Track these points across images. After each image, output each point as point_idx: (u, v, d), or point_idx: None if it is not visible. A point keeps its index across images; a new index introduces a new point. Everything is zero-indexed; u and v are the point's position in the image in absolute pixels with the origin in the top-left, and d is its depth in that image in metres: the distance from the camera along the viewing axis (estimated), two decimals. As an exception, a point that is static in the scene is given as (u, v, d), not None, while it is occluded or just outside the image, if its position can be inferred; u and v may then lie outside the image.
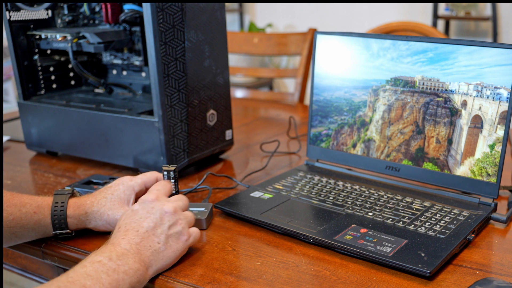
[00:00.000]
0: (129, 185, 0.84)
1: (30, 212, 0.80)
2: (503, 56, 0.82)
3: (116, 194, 0.83)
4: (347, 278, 0.71)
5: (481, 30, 3.52)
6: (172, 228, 0.74)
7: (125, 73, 1.27)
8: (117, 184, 0.85)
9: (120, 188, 0.84)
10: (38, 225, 0.80)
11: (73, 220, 0.81)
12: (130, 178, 0.86)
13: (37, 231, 0.81)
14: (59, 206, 0.81)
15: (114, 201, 0.82)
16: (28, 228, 0.80)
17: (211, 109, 1.12)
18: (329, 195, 0.94)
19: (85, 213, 0.82)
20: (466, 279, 0.70)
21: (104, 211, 0.81)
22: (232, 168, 1.16)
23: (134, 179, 0.85)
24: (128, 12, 1.10)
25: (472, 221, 0.82)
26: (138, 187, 0.85)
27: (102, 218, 0.81)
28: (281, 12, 4.09)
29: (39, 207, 0.81)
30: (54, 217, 0.80)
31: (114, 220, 0.81)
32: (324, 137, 1.06)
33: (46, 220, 0.80)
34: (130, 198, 0.84)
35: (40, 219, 0.80)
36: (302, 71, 1.91)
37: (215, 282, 0.72)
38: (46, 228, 0.81)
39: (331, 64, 1.02)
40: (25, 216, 0.79)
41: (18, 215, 0.79)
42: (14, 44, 1.18)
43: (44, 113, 1.19)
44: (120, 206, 0.82)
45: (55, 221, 0.80)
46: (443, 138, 0.91)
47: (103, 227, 0.83)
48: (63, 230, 0.81)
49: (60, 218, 0.80)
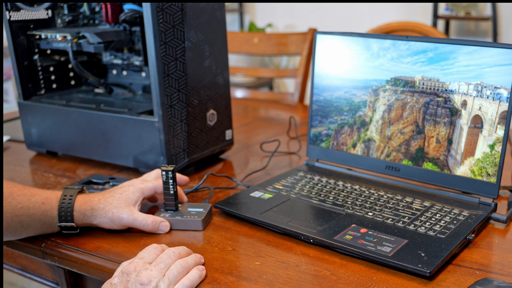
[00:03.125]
0: (139, 188, 0.86)
1: (38, 202, 0.82)
2: (503, 56, 0.82)
3: (125, 194, 0.85)
4: (347, 278, 0.71)
5: (481, 30, 3.52)
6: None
7: (125, 73, 1.27)
8: (128, 185, 0.87)
9: (130, 189, 0.86)
10: (45, 215, 0.82)
11: (79, 214, 0.83)
12: (141, 181, 0.88)
13: (43, 222, 0.83)
14: (67, 199, 0.83)
15: (121, 200, 0.84)
16: (35, 218, 0.82)
17: (211, 109, 1.12)
18: (329, 195, 0.94)
19: (91, 209, 0.83)
20: (466, 279, 0.70)
21: (109, 208, 0.83)
22: (232, 168, 1.16)
23: (146, 183, 0.87)
24: (128, 12, 1.10)
25: (472, 221, 0.82)
26: (148, 191, 0.87)
27: (107, 216, 0.83)
28: (281, 12, 4.09)
29: (48, 198, 0.83)
30: (61, 209, 0.82)
31: (118, 218, 0.83)
32: (324, 137, 1.06)
33: (53, 212, 0.83)
34: (138, 200, 0.86)
35: (47, 210, 0.82)
36: (302, 71, 1.91)
37: (215, 282, 0.72)
38: (52, 219, 0.83)
39: (331, 64, 1.02)
40: (33, 205, 0.82)
41: (26, 204, 0.81)
42: (14, 44, 1.18)
43: (44, 113, 1.19)
44: (126, 206, 0.83)
45: (61, 213, 0.82)
46: (443, 138, 0.91)
47: (107, 225, 0.84)
48: (68, 223, 0.83)
49: (66, 210, 0.82)
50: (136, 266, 0.70)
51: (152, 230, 0.85)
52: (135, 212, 0.84)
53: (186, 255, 0.75)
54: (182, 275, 0.71)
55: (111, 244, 0.83)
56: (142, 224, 0.84)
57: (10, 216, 0.80)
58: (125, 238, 0.85)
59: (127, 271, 0.69)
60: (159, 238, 0.84)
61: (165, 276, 0.69)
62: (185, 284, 0.70)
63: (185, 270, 0.71)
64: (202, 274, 0.72)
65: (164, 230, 0.85)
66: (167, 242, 0.82)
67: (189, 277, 0.71)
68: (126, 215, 0.83)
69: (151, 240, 0.83)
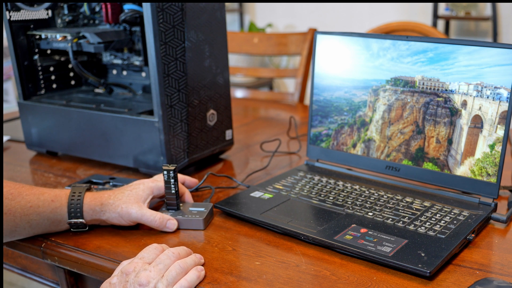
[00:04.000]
0: (149, 186, 0.88)
1: (48, 200, 0.83)
2: (503, 56, 0.82)
3: (135, 191, 0.86)
4: (347, 278, 0.71)
5: (481, 30, 3.52)
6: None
7: (125, 73, 1.27)
8: (138, 183, 0.89)
9: (140, 187, 0.88)
10: (54, 213, 0.83)
11: (89, 210, 0.84)
12: (152, 180, 0.90)
13: (52, 220, 0.84)
14: (77, 195, 0.85)
15: (131, 197, 0.85)
16: (44, 216, 0.83)
17: (211, 109, 1.12)
18: (329, 195, 0.94)
19: (101, 204, 0.84)
20: (466, 279, 0.70)
21: (119, 204, 0.84)
22: (232, 168, 1.16)
23: (156, 182, 0.89)
24: (128, 12, 1.10)
25: (472, 221, 0.82)
26: (158, 190, 0.89)
27: (116, 211, 0.84)
28: (281, 12, 4.09)
29: (57, 196, 0.84)
30: (71, 205, 0.83)
31: (127, 213, 0.84)
32: (324, 137, 1.06)
33: (63, 209, 0.84)
34: (148, 198, 0.87)
35: (57, 207, 0.83)
36: (302, 71, 1.91)
37: (215, 282, 0.72)
38: (62, 217, 0.84)
39: (331, 64, 1.02)
40: (42, 203, 0.82)
41: (36, 203, 0.82)
42: (14, 44, 1.18)
43: (44, 113, 1.19)
44: (135, 202, 0.85)
45: (71, 210, 0.83)
46: (443, 138, 0.91)
47: (115, 220, 0.85)
48: (78, 219, 0.84)
49: (76, 207, 0.83)
50: (136, 266, 0.70)
51: (159, 227, 0.85)
52: (143, 208, 0.85)
53: (186, 256, 0.75)
54: (181, 276, 0.71)
55: (111, 244, 0.83)
56: (150, 219, 0.84)
57: (20, 216, 0.81)
58: (125, 238, 0.85)
59: (126, 271, 0.70)
60: (159, 238, 0.84)
61: (163, 277, 0.69)
62: (183, 285, 0.70)
63: (184, 271, 0.72)
64: (201, 275, 0.72)
65: (171, 228, 0.85)
66: (168, 242, 0.82)
67: (187, 278, 0.71)
68: (134, 210, 0.84)
69: (151, 240, 0.83)
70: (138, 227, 0.88)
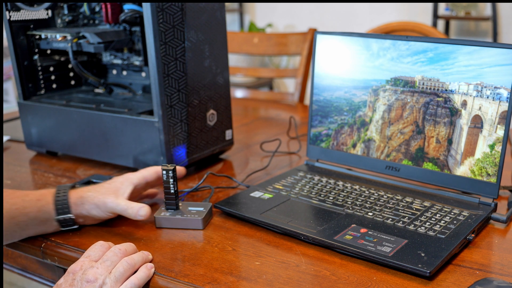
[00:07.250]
0: (127, 177, 0.90)
1: (33, 199, 0.83)
2: (503, 56, 0.82)
3: (113, 185, 0.88)
4: (347, 278, 0.71)
5: (481, 30, 3.52)
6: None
7: (125, 73, 1.27)
8: (118, 177, 0.91)
9: (119, 179, 0.89)
10: (41, 211, 0.83)
11: (73, 205, 0.85)
12: (133, 173, 0.91)
13: (40, 220, 0.83)
14: (62, 192, 0.85)
15: (110, 189, 0.87)
16: (31, 216, 0.82)
17: (211, 109, 1.12)
18: (329, 195, 0.94)
19: (81, 197, 0.85)
20: (466, 279, 0.70)
21: (96, 195, 0.85)
22: (232, 168, 1.16)
23: (134, 173, 0.91)
24: (128, 12, 1.10)
25: (472, 221, 0.82)
26: (137, 180, 0.90)
27: (93, 201, 0.85)
28: (281, 12, 4.09)
29: (43, 195, 0.85)
30: (57, 202, 0.84)
31: (103, 203, 0.85)
32: (324, 137, 1.06)
33: (49, 206, 0.84)
34: (127, 190, 0.88)
35: (43, 205, 0.83)
36: (302, 71, 1.91)
37: (215, 282, 0.72)
38: (49, 215, 0.84)
39: (331, 64, 1.02)
40: (28, 204, 0.82)
41: (21, 204, 0.82)
42: (14, 44, 1.18)
43: (44, 113, 1.19)
44: (112, 193, 0.86)
45: (58, 206, 0.84)
46: (443, 138, 0.91)
47: (94, 211, 0.85)
48: (66, 215, 0.84)
49: (63, 202, 0.84)
50: (82, 265, 0.72)
51: (131, 215, 0.85)
52: (119, 198, 0.86)
53: (132, 252, 0.76)
54: (129, 272, 0.72)
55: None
56: (123, 209, 0.85)
57: (6, 219, 0.81)
58: (125, 238, 0.85)
59: (73, 271, 0.72)
60: (157, 237, 0.84)
61: (111, 274, 0.71)
62: (133, 282, 0.72)
63: (131, 267, 0.73)
64: (150, 273, 0.74)
65: (144, 215, 0.85)
66: (167, 242, 0.82)
67: (137, 276, 0.72)
68: (110, 200, 0.85)
69: (151, 241, 0.83)
70: (138, 227, 0.88)
